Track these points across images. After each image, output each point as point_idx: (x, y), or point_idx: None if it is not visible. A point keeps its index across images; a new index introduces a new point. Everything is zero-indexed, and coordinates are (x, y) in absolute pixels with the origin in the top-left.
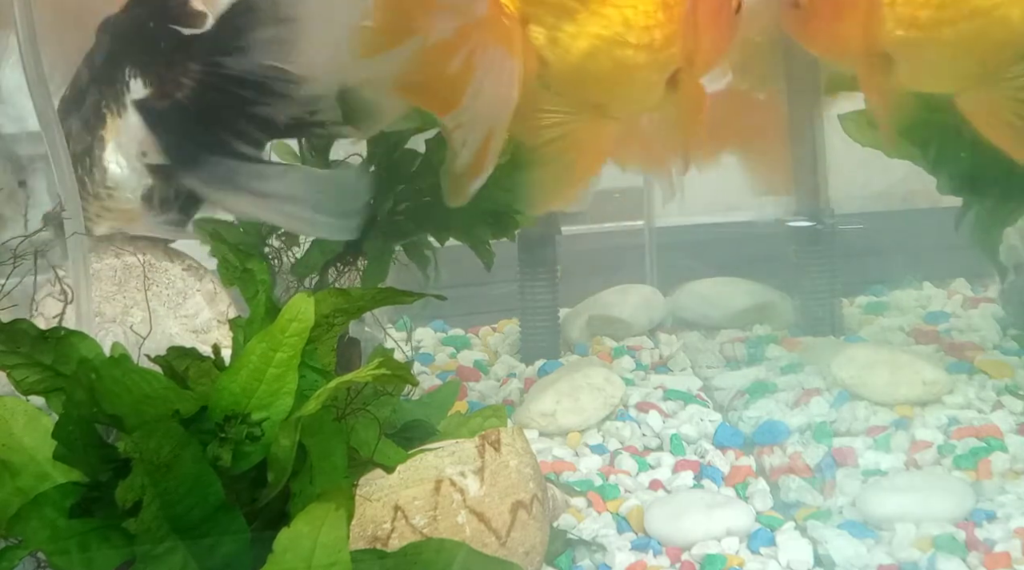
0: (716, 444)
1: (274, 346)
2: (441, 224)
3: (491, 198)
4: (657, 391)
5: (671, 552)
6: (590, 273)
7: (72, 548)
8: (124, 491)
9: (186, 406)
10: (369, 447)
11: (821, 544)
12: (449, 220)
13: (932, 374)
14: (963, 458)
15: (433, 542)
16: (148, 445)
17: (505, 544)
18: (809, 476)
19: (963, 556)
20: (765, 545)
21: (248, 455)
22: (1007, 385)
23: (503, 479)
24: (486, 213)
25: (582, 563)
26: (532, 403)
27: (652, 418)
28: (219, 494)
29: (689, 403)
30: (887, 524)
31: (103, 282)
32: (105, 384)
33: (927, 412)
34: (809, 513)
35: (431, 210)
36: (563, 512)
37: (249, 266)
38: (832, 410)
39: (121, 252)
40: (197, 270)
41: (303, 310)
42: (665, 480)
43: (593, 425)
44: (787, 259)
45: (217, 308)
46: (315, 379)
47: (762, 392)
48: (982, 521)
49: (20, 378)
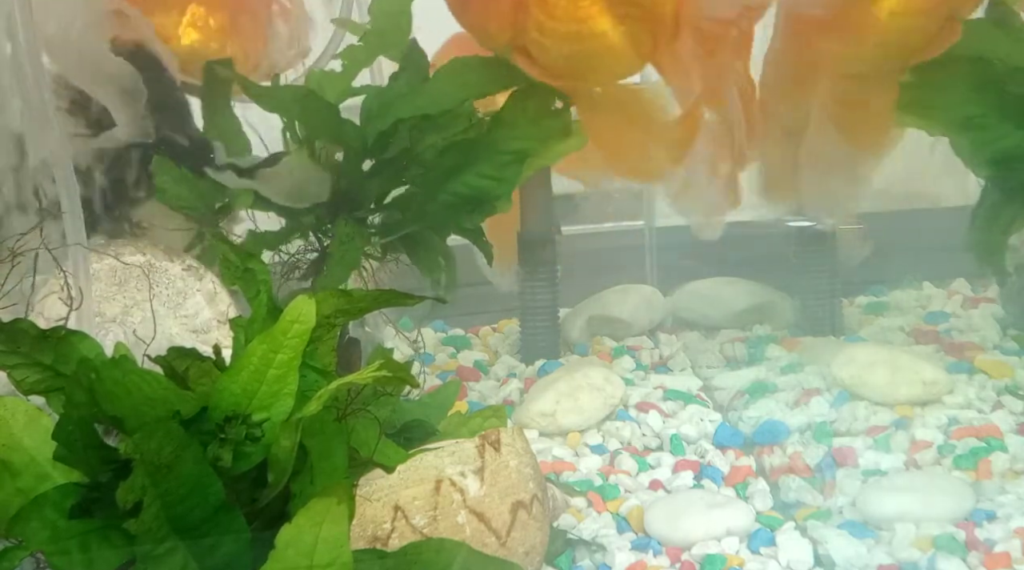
0: (716, 444)
1: (275, 348)
2: (420, 213)
3: (468, 184)
4: (657, 391)
5: (671, 552)
6: (590, 273)
7: (72, 549)
8: (125, 492)
9: (187, 407)
10: (369, 447)
11: (821, 544)
12: (427, 207)
13: (932, 374)
14: (963, 458)
15: (433, 542)
16: (149, 446)
17: (505, 544)
18: (809, 476)
19: (963, 556)
20: (765, 545)
21: (248, 456)
22: (1007, 385)
23: (503, 479)
24: (464, 199)
25: (582, 563)
26: (532, 403)
27: (652, 418)
28: (220, 495)
29: (689, 403)
30: (887, 524)
31: (103, 282)
32: (105, 385)
33: (927, 412)
34: (809, 513)
35: (412, 200)
36: (563, 512)
37: (250, 266)
38: (832, 410)
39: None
40: (197, 270)
41: (305, 312)
42: (665, 480)
43: (593, 425)
44: (787, 259)
45: (217, 308)
46: (315, 379)
47: (762, 392)
48: (982, 521)
49: (20, 378)
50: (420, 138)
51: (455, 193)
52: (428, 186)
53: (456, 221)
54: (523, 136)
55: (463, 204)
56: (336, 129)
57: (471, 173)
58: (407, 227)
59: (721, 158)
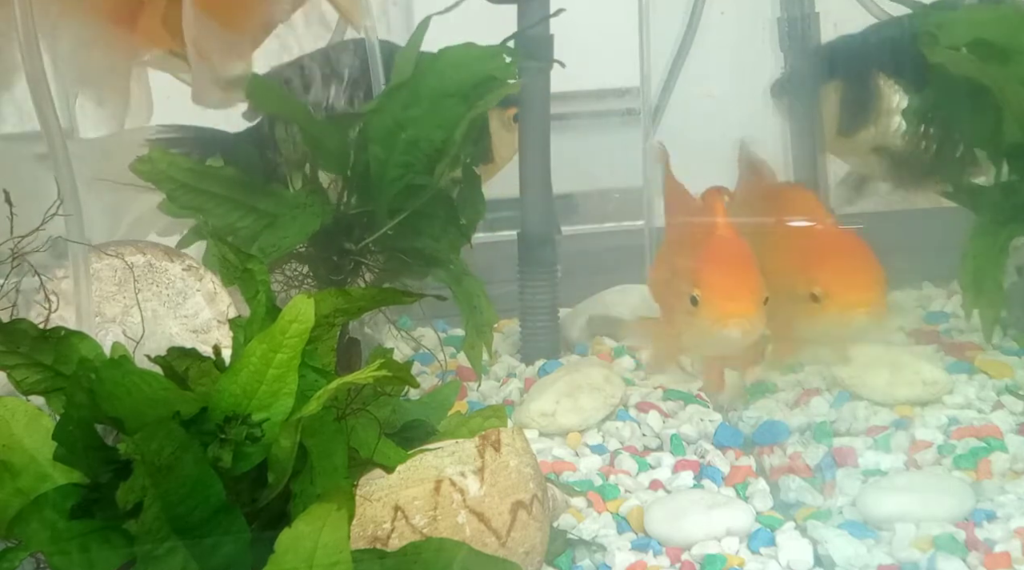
0: (716, 444)
1: (274, 347)
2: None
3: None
4: (657, 391)
5: (671, 552)
6: (590, 273)
7: (72, 549)
8: (125, 492)
9: (187, 407)
10: (369, 447)
11: (821, 544)
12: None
13: (932, 374)
14: (963, 458)
15: (433, 542)
16: (150, 447)
17: (505, 544)
18: (809, 476)
19: (963, 556)
20: (765, 545)
21: (248, 456)
22: (1007, 385)
23: (503, 479)
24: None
25: (582, 563)
26: (532, 403)
27: (652, 418)
28: (220, 495)
29: (689, 403)
30: (887, 524)
31: (103, 282)
32: (105, 386)
33: (927, 412)
34: (809, 513)
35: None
36: (563, 512)
37: (249, 266)
38: (832, 410)
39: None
40: (197, 270)
41: (303, 311)
42: (665, 480)
43: (593, 425)
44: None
45: (217, 308)
46: (315, 379)
47: (762, 392)
48: (982, 521)
49: (20, 378)
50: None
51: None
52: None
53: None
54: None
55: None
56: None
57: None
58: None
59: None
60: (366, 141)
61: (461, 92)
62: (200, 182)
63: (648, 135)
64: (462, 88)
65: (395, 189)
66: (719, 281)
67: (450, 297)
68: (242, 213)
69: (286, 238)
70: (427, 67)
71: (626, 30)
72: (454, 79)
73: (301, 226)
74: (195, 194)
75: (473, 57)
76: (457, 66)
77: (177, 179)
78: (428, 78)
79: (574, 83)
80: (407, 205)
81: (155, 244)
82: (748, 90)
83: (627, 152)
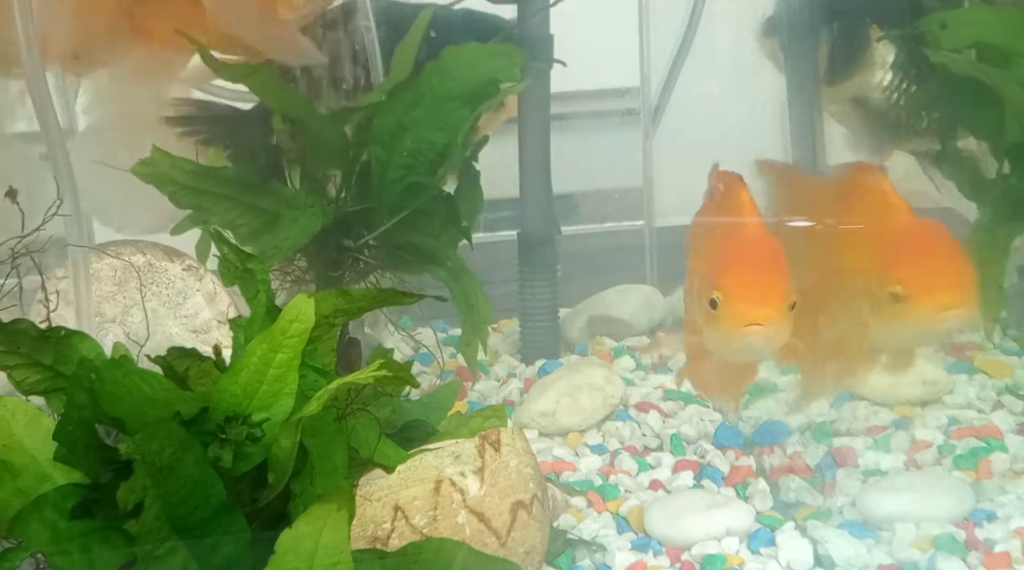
0: (716, 444)
1: (275, 347)
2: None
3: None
4: (657, 391)
5: (671, 552)
6: (590, 273)
7: (73, 549)
8: (126, 493)
9: (187, 408)
10: (369, 447)
11: (821, 544)
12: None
13: (932, 374)
14: (963, 458)
15: (433, 542)
16: (150, 447)
17: (505, 544)
18: (809, 476)
19: (963, 556)
20: (765, 545)
21: (249, 456)
22: (1007, 385)
23: (503, 479)
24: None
25: (582, 563)
26: (532, 403)
27: (652, 418)
28: (221, 495)
29: (689, 403)
30: (887, 524)
31: (103, 282)
32: (106, 386)
33: (927, 412)
34: (809, 513)
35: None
36: (563, 512)
37: (250, 266)
38: (832, 410)
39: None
40: (197, 270)
41: (304, 311)
42: (665, 480)
43: (593, 425)
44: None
45: (217, 308)
46: (315, 379)
47: (762, 392)
48: (982, 521)
49: (20, 378)
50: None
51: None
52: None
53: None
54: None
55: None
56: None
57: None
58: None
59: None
60: (368, 141)
61: (464, 94)
62: (201, 183)
63: (648, 135)
64: (465, 90)
65: (396, 190)
66: (741, 282)
67: (449, 297)
68: (242, 211)
69: (287, 240)
70: (430, 67)
71: (626, 30)
72: (457, 80)
73: (302, 228)
74: (196, 195)
75: (476, 58)
76: (460, 67)
77: (178, 181)
78: (431, 79)
79: (574, 83)
80: (408, 204)
81: (155, 244)
82: (747, 90)
83: (627, 152)
